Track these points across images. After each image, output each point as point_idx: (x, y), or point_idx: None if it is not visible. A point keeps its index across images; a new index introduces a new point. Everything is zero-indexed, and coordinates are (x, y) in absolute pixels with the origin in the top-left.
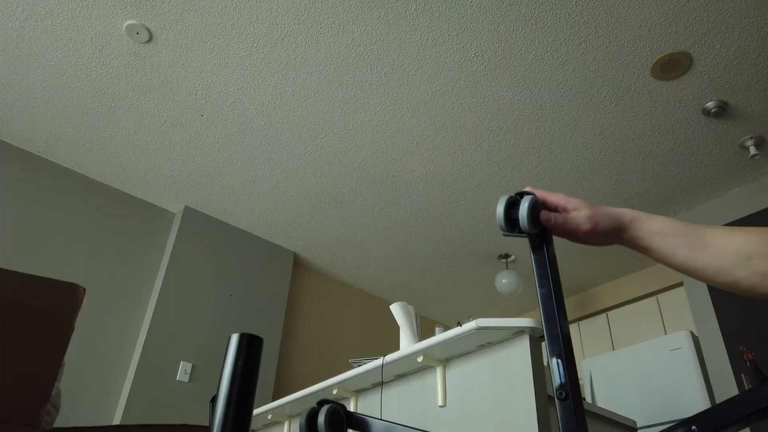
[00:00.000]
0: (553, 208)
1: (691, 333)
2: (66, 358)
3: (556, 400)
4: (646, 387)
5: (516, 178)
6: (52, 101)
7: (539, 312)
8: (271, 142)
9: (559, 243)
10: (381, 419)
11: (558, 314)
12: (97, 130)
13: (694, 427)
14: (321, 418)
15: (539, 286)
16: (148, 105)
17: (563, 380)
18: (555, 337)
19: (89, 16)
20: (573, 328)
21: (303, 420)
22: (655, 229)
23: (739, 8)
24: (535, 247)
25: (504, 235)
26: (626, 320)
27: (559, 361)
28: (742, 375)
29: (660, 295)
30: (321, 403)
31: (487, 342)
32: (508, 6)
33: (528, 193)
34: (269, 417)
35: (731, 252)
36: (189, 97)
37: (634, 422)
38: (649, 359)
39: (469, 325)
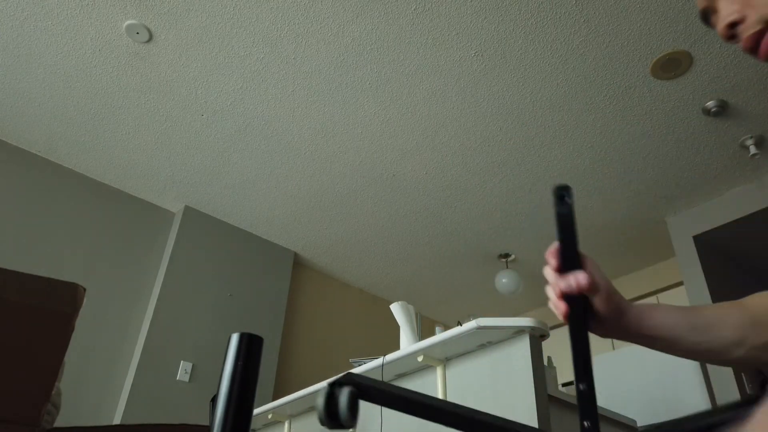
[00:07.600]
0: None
1: None
2: (66, 358)
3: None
4: (646, 387)
5: (516, 178)
6: (52, 101)
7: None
8: (271, 141)
9: None
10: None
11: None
12: (97, 130)
13: None
14: (343, 399)
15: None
16: (148, 105)
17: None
18: (585, 363)
19: (89, 16)
20: None
21: (321, 399)
22: (659, 321)
23: None
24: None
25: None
26: None
27: (584, 386)
28: (743, 374)
29: (660, 294)
30: (337, 384)
31: (487, 341)
32: (508, 6)
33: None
34: (269, 417)
35: (728, 331)
36: (189, 96)
37: (634, 421)
38: (649, 359)
39: (470, 325)
